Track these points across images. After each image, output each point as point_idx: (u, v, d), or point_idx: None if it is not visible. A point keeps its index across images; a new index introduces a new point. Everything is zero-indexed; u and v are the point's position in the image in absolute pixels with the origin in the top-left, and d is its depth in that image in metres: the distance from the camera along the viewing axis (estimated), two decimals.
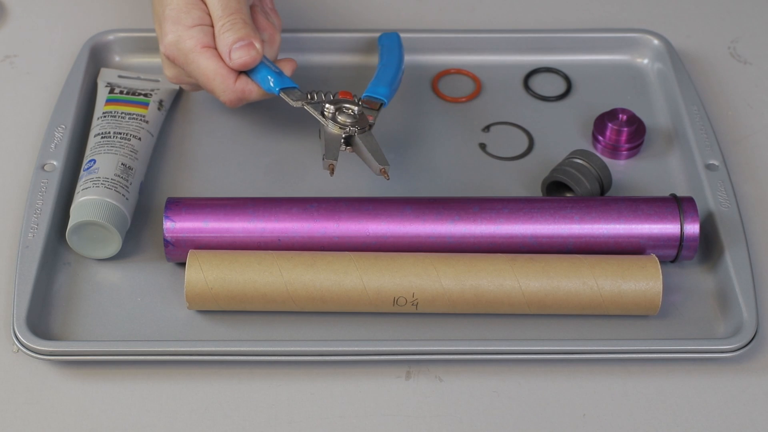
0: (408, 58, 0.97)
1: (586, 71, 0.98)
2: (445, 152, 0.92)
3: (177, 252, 0.82)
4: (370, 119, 0.83)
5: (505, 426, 0.76)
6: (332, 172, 0.79)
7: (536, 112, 0.95)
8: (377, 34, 0.98)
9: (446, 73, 0.98)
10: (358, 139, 0.81)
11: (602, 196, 0.87)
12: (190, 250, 0.80)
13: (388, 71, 0.89)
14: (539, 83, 0.97)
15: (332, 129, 0.81)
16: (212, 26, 0.86)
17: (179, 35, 0.85)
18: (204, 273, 0.79)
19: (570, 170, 0.86)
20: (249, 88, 0.86)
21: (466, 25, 1.01)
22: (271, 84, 0.85)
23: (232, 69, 0.85)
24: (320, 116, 0.82)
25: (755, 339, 0.79)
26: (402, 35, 0.98)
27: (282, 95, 0.84)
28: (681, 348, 0.78)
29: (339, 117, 0.82)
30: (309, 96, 0.85)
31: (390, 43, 0.94)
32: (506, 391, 0.78)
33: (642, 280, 0.79)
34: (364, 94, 0.86)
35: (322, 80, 0.97)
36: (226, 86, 0.85)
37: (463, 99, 0.96)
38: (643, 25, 1.00)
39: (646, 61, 0.99)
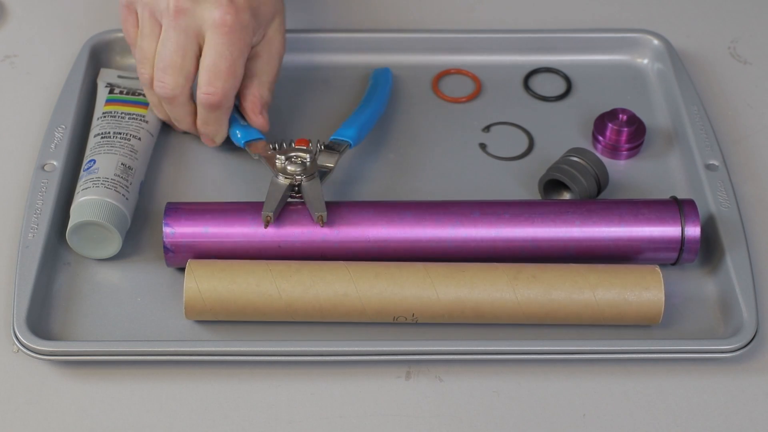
0: (408, 58, 0.98)
1: (586, 71, 0.98)
2: (445, 152, 0.92)
3: (177, 258, 0.81)
4: (329, 166, 0.85)
5: (505, 426, 0.76)
6: (266, 224, 0.80)
7: (536, 112, 0.95)
8: (378, 35, 0.98)
9: (446, 73, 0.98)
10: (304, 185, 0.82)
11: (599, 194, 0.87)
12: (188, 261, 0.80)
13: (364, 112, 0.90)
14: (539, 83, 0.97)
15: (281, 180, 0.83)
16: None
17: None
18: (200, 289, 0.78)
19: (567, 168, 0.86)
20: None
21: (466, 25, 1.02)
22: (238, 135, 0.88)
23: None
24: (272, 169, 0.84)
25: (755, 339, 0.79)
26: (402, 35, 0.98)
27: (246, 148, 0.87)
28: (681, 348, 0.78)
29: (288, 167, 0.83)
30: (272, 146, 0.87)
31: (377, 81, 0.95)
32: (506, 391, 0.78)
33: (644, 296, 0.78)
34: (332, 137, 0.88)
35: (322, 80, 0.97)
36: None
37: (463, 99, 0.96)
38: (643, 25, 1.00)
39: (646, 61, 0.99)
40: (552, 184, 0.88)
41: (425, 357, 0.78)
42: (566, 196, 0.88)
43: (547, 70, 0.98)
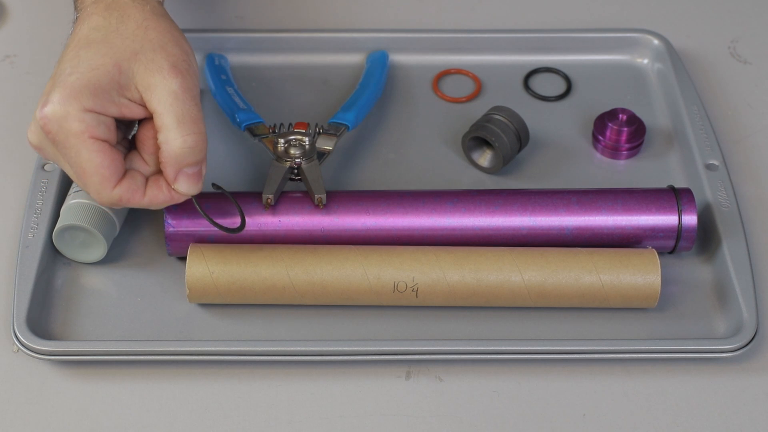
0: (408, 58, 0.98)
1: (586, 71, 0.98)
2: (446, 153, 0.92)
3: (178, 245, 0.81)
4: (327, 149, 0.86)
5: (505, 426, 0.76)
6: (267, 206, 0.81)
7: (536, 112, 0.95)
8: (378, 34, 0.98)
9: (446, 73, 0.98)
10: (303, 168, 0.83)
11: (521, 150, 0.89)
12: (191, 244, 0.80)
13: (361, 95, 0.91)
14: (539, 83, 0.97)
15: (281, 163, 0.83)
16: (113, 119, 0.75)
17: (68, 112, 0.73)
18: (205, 257, 0.79)
19: (490, 126, 0.88)
20: (128, 197, 0.75)
21: (466, 25, 1.02)
22: (237, 120, 0.88)
23: (117, 172, 0.75)
24: (272, 151, 0.85)
25: (755, 339, 0.79)
26: (402, 35, 0.98)
27: (246, 132, 0.87)
28: (681, 348, 0.78)
29: (290, 150, 0.84)
30: (271, 130, 0.87)
31: (373, 64, 0.95)
32: (506, 391, 0.78)
33: (641, 272, 0.79)
34: (330, 120, 0.88)
35: (322, 80, 0.97)
36: (102, 188, 0.75)
37: (463, 99, 0.96)
38: (643, 25, 1.00)
39: (646, 61, 0.99)
40: (475, 141, 0.89)
41: (425, 357, 0.78)
42: (488, 152, 0.89)
43: (547, 70, 0.98)
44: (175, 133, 0.75)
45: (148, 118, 0.77)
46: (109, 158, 0.74)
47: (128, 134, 0.79)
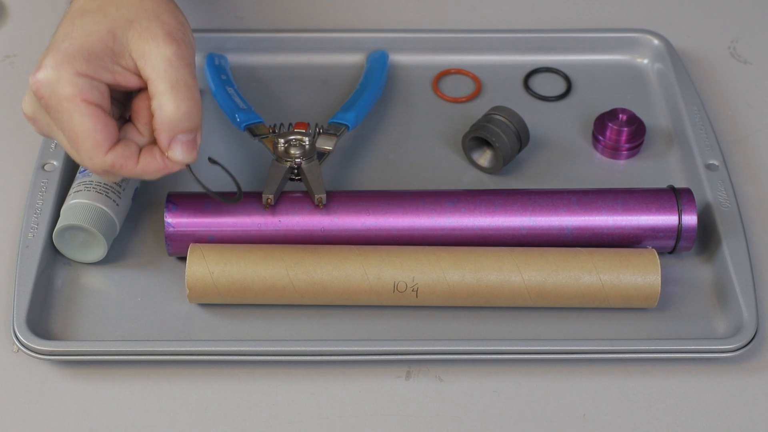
0: (408, 58, 0.98)
1: (586, 71, 0.98)
2: (446, 153, 0.92)
3: (178, 245, 0.82)
4: (327, 149, 0.86)
5: (505, 426, 0.76)
6: (267, 206, 0.81)
7: (536, 112, 0.95)
8: (378, 34, 0.98)
9: (446, 73, 0.98)
10: (303, 168, 0.83)
11: (521, 150, 0.89)
12: (191, 244, 0.80)
13: (361, 95, 0.91)
14: (539, 83, 0.97)
15: (281, 163, 0.83)
16: (106, 85, 0.74)
17: (60, 76, 0.73)
18: (205, 257, 0.79)
19: (490, 126, 0.88)
20: (121, 163, 0.74)
21: (466, 25, 1.02)
22: (237, 120, 0.88)
23: (110, 138, 0.74)
24: (272, 151, 0.85)
25: (755, 339, 0.79)
26: (402, 35, 0.98)
27: (246, 132, 0.87)
28: (681, 348, 0.78)
29: (290, 150, 0.84)
30: (271, 130, 0.87)
31: (373, 64, 0.95)
32: (506, 391, 0.78)
33: (641, 272, 0.79)
34: (330, 120, 0.88)
35: (321, 80, 0.97)
36: (95, 153, 0.74)
37: (463, 99, 0.96)
38: (643, 25, 1.00)
39: (646, 61, 0.99)
40: (475, 141, 0.89)
41: (425, 357, 0.78)
42: (488, 152, 0.89)
43: (547, 70, 0.98)
44: (168, 98, 0.74)
45: (143, 89, 0.77)
46: (102, 123, 0.73)
47: (125, 114, 0.79)
